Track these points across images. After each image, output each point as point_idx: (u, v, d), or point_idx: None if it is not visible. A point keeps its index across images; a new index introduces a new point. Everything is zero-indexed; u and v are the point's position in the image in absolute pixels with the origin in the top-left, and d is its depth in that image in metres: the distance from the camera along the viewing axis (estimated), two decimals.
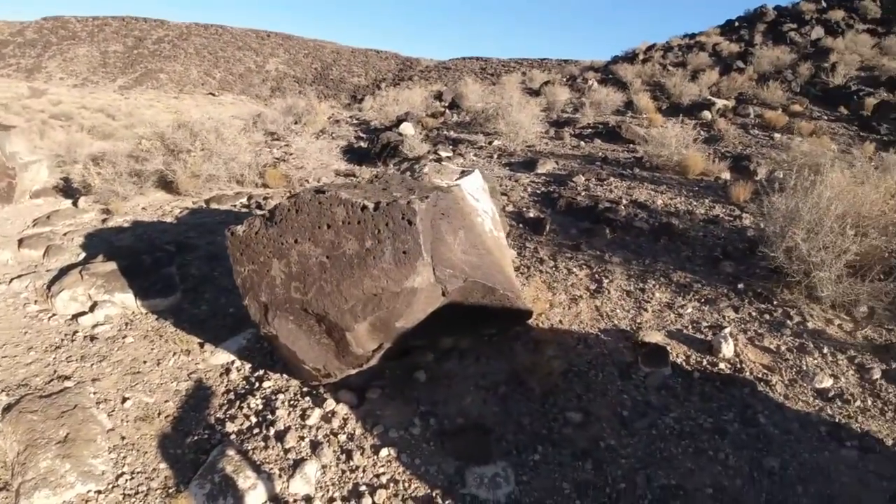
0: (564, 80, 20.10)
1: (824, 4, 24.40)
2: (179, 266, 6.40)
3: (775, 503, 3.68)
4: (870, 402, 4.47)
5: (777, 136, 10.86)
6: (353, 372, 4.25)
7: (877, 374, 4.73)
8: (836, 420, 4.30)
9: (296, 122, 14.18)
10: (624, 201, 7.99)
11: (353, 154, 11.74)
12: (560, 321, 5.44)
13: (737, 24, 25.91)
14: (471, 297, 4.39)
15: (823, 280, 5.24)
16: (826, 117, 12.63)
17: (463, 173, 5.83)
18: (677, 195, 8.40)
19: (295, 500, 3.67)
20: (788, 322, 5.28)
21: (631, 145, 11.07)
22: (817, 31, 20.65)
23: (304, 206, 4.10)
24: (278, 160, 10.85)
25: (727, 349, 4.90)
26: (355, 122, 15.82)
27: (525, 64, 43.46)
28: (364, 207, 4.04)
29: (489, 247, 4.67)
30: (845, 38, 18.55)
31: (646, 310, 5.55)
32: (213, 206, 8.31)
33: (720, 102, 13.43)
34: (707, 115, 12.75)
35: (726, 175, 8.94)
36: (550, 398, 4.50)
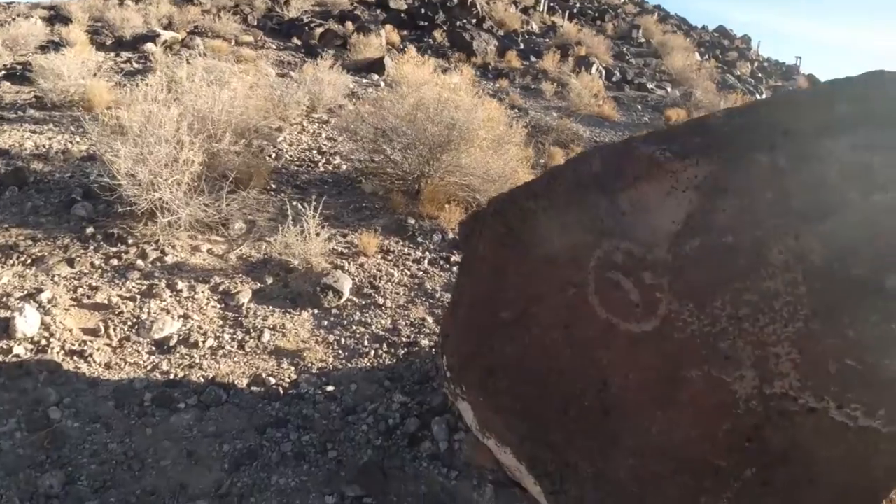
0: (10, 19, 15.70)
1: None
2: None
3: None
4: (227, 337, 3.58)
5: (228, 64, 10.07)
6: None
7: (245, 298, 3.91)
8: (173, 376, 3.25)
9: None
10: None
11: None
12: None
13: None
14: None
15: (170, 201, 4.12)
16: (277, 47, 12.63)
17: None
18: (62, 133, 6.51)
19: None
20: (141, 262, 4.08)
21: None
22: None
23: None
24: None
25: (28, 326, 3.42)
26: None
27: None
28: None
29: None
30: None
31: None
32: None
33: (168, 35, 12.06)
34: (152, 47, 11.20)
35: None
36: None
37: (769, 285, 1.68)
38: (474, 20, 16.78)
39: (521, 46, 15.85)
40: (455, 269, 4.47)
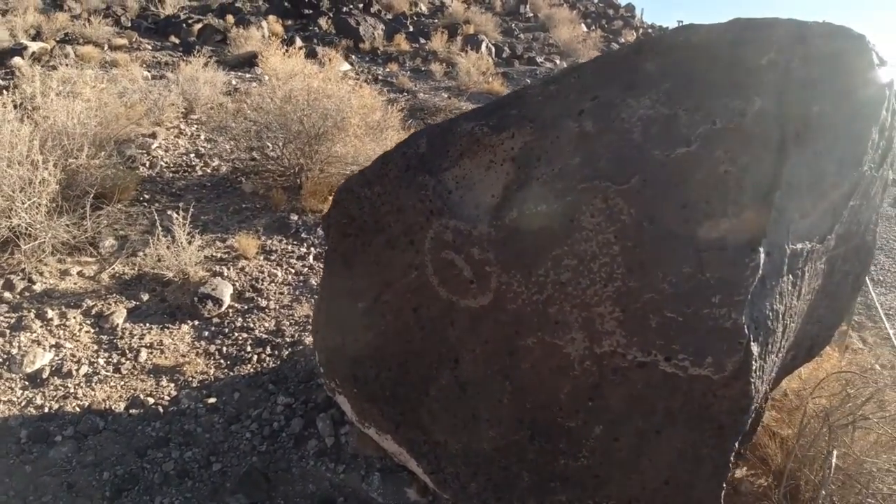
0: None
1: None
2: None
3: None
4: (102, 362, 3.28)
5: (91, 71, 9.21)
6: None
7: (119, 319, 3.59)
8: (48, 409, 2.99)
9: None
10: None
11: None
12: None
13: None
14: None
15: (29, 226, 3.73)
16: (153, 47, 11.76)
17: None
18: None
19: None
20: (8, 294, 3.73)
21: None
22: None
23: None
24: None
25: None
26: None
27: None
28: None
29: None
30: None
31: None
32: None
33: (36, 46, 10.98)
34: (19, 61, 10.17)
35: None
36: None
37: (585, 248, 1.63)
38: (361, 5, 16.27)
39: (411, 29, 15.51)
40: None
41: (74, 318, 3.67)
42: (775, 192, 1.56)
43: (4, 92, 4.80)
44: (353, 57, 12.56)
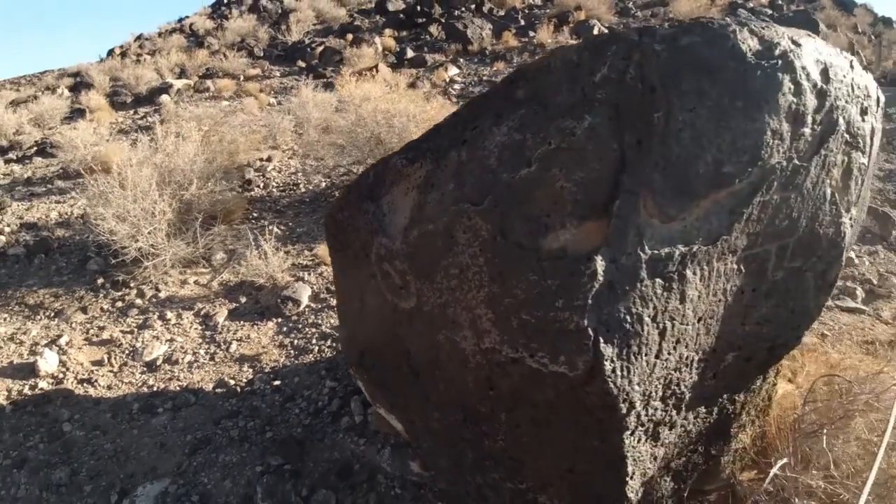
0: (39, 93, 16.73)
1: None
2: None
3: None
4: (202, 352, 4.18)
5: (225, 103, 10.64)
6: None
7: (221, 318, 4.43)
8: (155, 388, 3.83)
9: None
10: (8, 229, 6.52)
11: None
12: None
13: (225, 2, 25.33)
14: None
15: (152, 248, 4.71)
16: (281, 73, 13.03)
17: None
18: (83, 199, 7.25)
19: None
20: (139, 301, 4.68)
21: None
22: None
23: None
24: None
25: (48, 365, 4.11)
26: None
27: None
28: None
29: None
30: None
31: None
32: None
33: (180, 83, 12.64)
34: (166, 98, 11.78)
35: None
36: None
37: (461, 260, 1.95)
38: (473, 6, 16.60)
39: (521, 23, 15.54)
40: None
41: (187, 318, 4.58)
42: (614, 202, 1.75)
43: (136, 136, 5.93)
44: (462, 60, 12.94)
